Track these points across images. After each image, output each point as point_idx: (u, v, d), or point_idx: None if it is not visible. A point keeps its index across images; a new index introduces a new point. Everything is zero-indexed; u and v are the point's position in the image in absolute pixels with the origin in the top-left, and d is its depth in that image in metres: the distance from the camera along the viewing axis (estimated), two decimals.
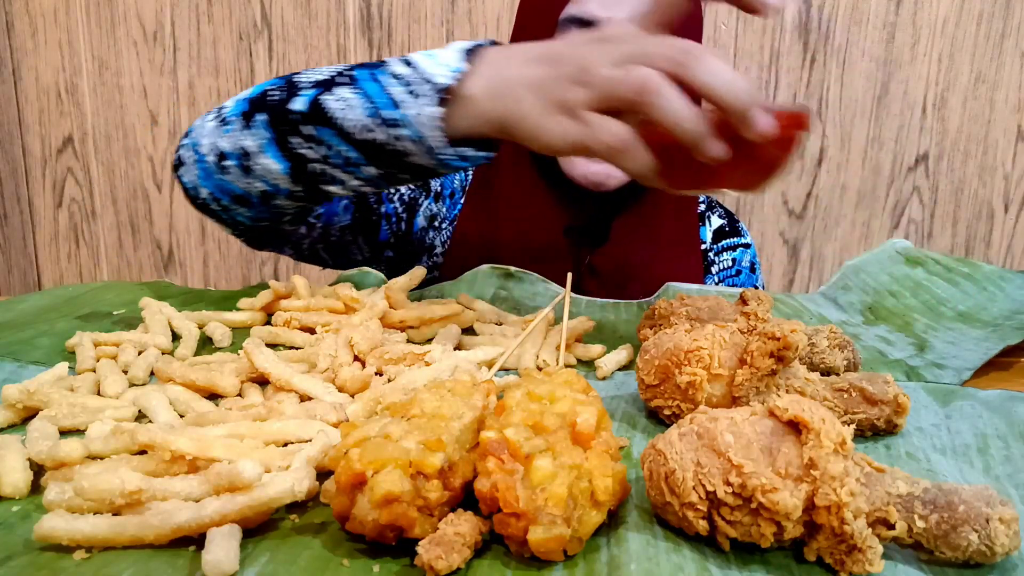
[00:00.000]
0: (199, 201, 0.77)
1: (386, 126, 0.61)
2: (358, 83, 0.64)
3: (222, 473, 0.36)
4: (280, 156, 0.66)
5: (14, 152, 1.87)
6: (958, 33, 1.56)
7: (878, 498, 0.35)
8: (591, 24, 0.86)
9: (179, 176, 0.77)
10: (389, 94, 0.61)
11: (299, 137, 0.65)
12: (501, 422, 0.37)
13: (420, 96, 0.60)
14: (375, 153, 0.63)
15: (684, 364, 0.48)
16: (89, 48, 1.79)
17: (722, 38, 1.61)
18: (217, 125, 0.71)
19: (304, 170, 0.66)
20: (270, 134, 0.66)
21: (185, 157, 0.75)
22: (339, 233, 0.92)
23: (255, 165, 0.68)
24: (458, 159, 0.62)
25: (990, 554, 0.33)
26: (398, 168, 0.64)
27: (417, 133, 0.60)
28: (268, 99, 0.67)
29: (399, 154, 0.62)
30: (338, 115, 0.63)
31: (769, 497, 0.33)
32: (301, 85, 0.67)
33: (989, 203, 1.64)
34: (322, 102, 0.64)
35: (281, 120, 0.66)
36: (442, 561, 0.33)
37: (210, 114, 0.75)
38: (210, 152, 0.71)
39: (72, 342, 0.61)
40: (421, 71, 0.61)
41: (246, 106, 0.69)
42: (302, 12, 1.70)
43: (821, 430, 0.34)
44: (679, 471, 0.36)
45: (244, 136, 0.68)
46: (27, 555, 0.35)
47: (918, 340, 0.71)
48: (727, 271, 1.06)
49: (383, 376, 0.56)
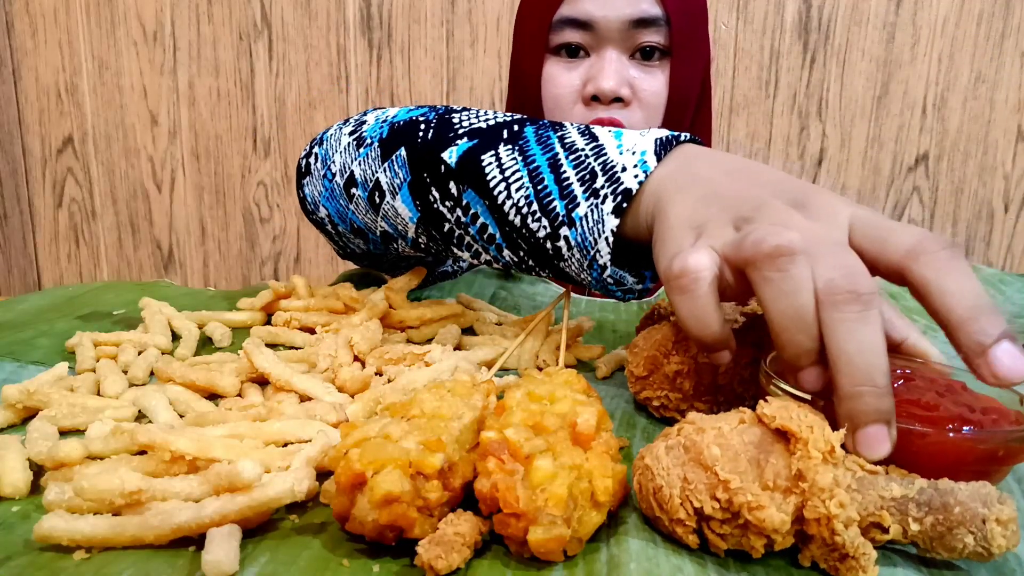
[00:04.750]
0: (316, 218, 0.68)
1: (546, 218, 0.49)
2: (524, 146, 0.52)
3: (222, 473, 0.36)
4: (413, 205, 0.56)
5: (14, 152, 1.87)
6: (958, 33, 1.56)
7: (871, 502, 0.34)
8: (586, 25, 0.86)
9: (302, 186, 0.67)
10: (561, 178, 0.49)
11: (440, 192, 0.54)
12: (501, 422, 0.37)
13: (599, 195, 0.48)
14: (522, 240, 0.52)
15: (672, 353, 0.49)
16: (89, 48, 1.79)
17: (722, 38, 1.61)
18: (353, 144, 0.61)
19: (439, 227, 0.56)
20: (408, 176, 0.56)
21: (314, 169, 0.65)
22: None
23: (385, 204, 0.58)
24: (613, 285, 0.51)
25: (987, 555, 0.33)
26: (542, 264, 0.53)
27: (584, 239, 0.49)
28: (416, 136, 0.56)
29: (551, 255, 0.51)
30: (493, 184, 0.51)
31: (755, 514, 0.33)
32: (457, 129, 0.55)
33: (989, 203, 1.64)
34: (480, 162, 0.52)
35: (424, 166, 0.55)
36: (442, 561, 0.33)
37: (348, 124, 0.64)
38: (339, 172, 0.62)
39: (72, 342, 0.61)
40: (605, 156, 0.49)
41: (387, 132, 0.59)
42: (302, 12, 1.70)
43: (809, 439, 0.34)
44: (666, 488, 0.36)
45: (379, 169, 0.58)
46: (27, 555, 0.35)
47: None
48: None
49: (383, 376, 0.56)
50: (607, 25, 0.85)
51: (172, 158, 1.83)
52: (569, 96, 0.88)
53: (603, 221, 0.47)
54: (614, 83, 0.84)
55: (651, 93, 0.88)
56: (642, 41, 0.86)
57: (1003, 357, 0.35)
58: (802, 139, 1.64)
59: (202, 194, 1.85)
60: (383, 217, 0.60)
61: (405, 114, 0.60)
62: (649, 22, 0.85)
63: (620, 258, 0.51)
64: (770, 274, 0.37)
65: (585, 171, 0.49)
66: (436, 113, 0.58)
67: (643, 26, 0.85)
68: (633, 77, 0.87)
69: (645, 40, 0.86)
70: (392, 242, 0.63)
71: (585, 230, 0.48)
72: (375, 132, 0.60)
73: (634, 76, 0.87)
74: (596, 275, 0.50)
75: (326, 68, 1.72)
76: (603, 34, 0.85)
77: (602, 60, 0.86)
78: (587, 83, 0.87)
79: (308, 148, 0.68)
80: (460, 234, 0.56)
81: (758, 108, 1.63)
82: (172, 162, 1.84)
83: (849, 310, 0.36)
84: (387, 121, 0.60)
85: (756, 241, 0.38)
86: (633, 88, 0.87)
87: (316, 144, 0.67)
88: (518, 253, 0.53)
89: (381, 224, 0.61)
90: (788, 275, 0.37)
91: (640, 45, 0.86)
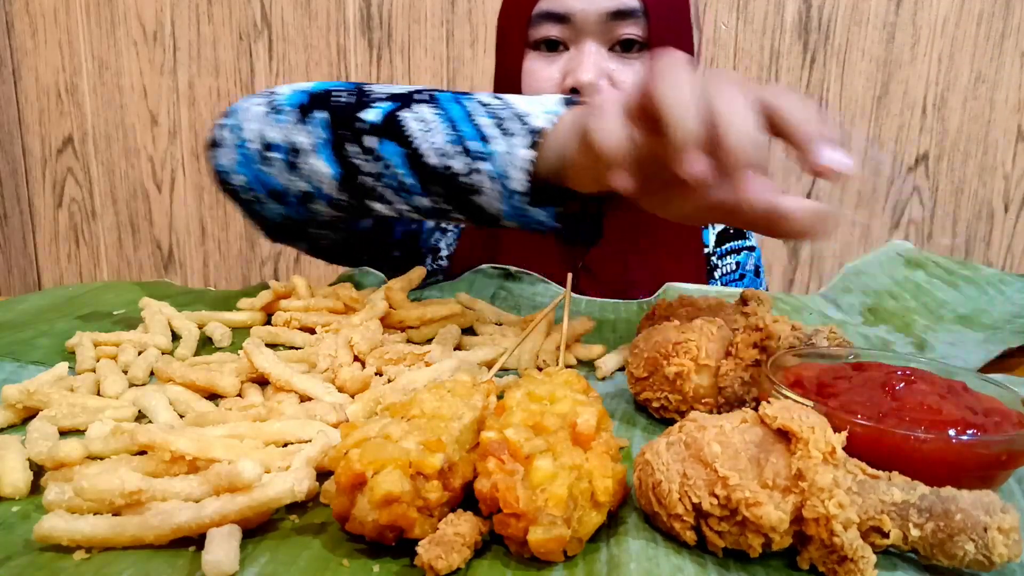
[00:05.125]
0: (230, 187, 0.72)
1: (467, 156, 0.57)
2: (440, 104, 0.60)
3: (222, 473, 0.36)
4: (333, 160, 0.62)
5: (14, 152, 1.87)
6: (958, 33, 1.56)
7: (871, 506, 0.34)
8: (564, 18, 0.85)
9: (213, 156, 0.72)
10: (476, 124, 0.58)
11: (358, 147, 0.61)
12: (501, 422, 0.37)
13: (512, 134, 0.56)
14: (440, 183, 0.59)
15: (672, 356, 0.49)
16: (89, 48, 1.79)
17: (722, 38, 1.61)
18: (267, 111, 0.67)
19: (354, 181, 0.63)
20: (328, 135, 0.62)
21: (224, 139, 0.70)
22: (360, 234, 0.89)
23: (303, 164, 0.64)
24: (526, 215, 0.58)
25: (988, 564, 0.33)
26: (456, 204, 0.60)
27: (500, 171, 0.57)
28: (333, 99, 0.63)
29: (468, 190, 0.58)
30: (414, 135, 0.59)
31: (753, 511, 0.33)
32: (375, 96, 0.63)
33: (989, 203, 1.64)
34: (399, 117, 0.60)
35: (345, 124, 0.62)
36: (442, 561, 0.33)
37: (257, 97, 0.70)
38: (255, 139, 0.67)
39: (72, 342, 0.61)
40: (513, 107, 0.57)
41: (305, 99, 0.65)
42: (302, 12, 1.70)
43: (810, 439, 0.34)
44: (665, 482, 0.36)
45: (297, 131, 0.64)
46: (27, 555, 0.35)
47: (918, 340, 0.71)
48: (730, 275, 1.04)
49: (383, 376, 0.56)
50: (585, 18, 0.85)
51: (172, 158, 1.83)
52: (549, 90, 0.88)
53: (516, 153, 0.55)
54: (593, 75, 0.84)
55: (631, 85, 0.88)
56: (621, 33, 0.86)
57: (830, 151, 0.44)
58: None
59: (202, 194, 1.85)
60: (301, 177, 0.65)
61: (321, 85, 0.67)
62: (627, 14, 0.85)
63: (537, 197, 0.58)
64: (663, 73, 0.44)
65: (498, 118, 0.57)
66: (352, 84, 0.66)
67: (621, 18, 0.85)
68: (612, 69, 0.87)
69: (624, 32, 0.86)
70: (311, 202, 0.68)
71: (502, 162, 0.56)
72: (292, 100, 0.66)
73: (613, 68, 0.87)
74: (512, 204, 0.57)
75: (326, 68, 1.72)
76: (581, 27, 0.85)
77: (581, 53, 0.86)
78: (566, 76, 0.87)
79: (215, 124, 0.72)
80: (376, 187, 0.62)
81: None
82: (172, 162, 1.84)
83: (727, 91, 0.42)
84: (303, 91, 0.66)
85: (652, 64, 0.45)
86: (613, 80, 0.87)
87: (224, 117, 0.71)
88: (432, 197, 0.60)
89: (300, 184, 0.66)
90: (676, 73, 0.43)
91: (619, 38, 0.86)
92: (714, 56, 1.62)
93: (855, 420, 0.39)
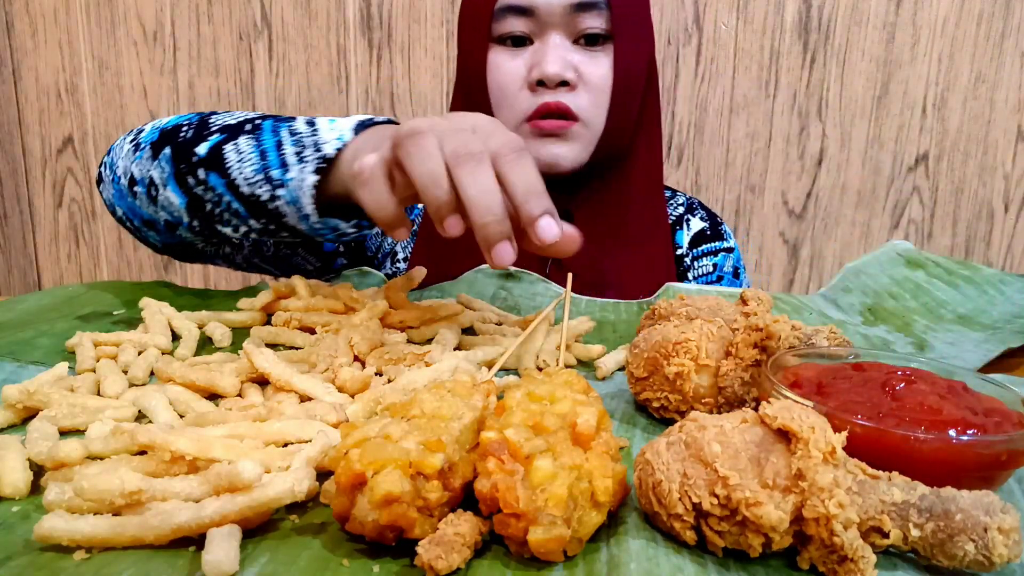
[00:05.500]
0: (116, 216, 0.78)
1: (269, 184, 0.62)
2: (260, 135, 0.64)
3: (222, 473, 0.36)
4: (179, 192, 0.67)
5: (14, 152, 1.87)
6: (958, 33, 1.56)
7: (871, 506, 0.34)
8: (528, 11, 0.85)
9: (101, 191, 0.79)
10: (281, 153, 0.62)
11: (194, 179, 0.66)
12: (501, 422, 0.37)
13: (305, 161, 0.61)
14: (256, 209, 0.64)
15: (672, 356, 0.50)
16: (89, 48, 1.79)
17: (722, 38, 1.61)
18: (131, 150, 0.72)
19: (200, 209, 0.67)
20: (171, 169, 0.67)
21: (103, 175, 0.77)
22: (274, 247, 0.89)
23: (160, 196, 0.69)
24: (329, 230, 0.64)
25: (988, 564, 0.33)
26: (277, 227, 0.66)
27: (293, 197, 0.61)
28: (178, 135, 0.68)
29: (276, 214, 0.64)
30: (232, 165, 0.64)
31: (753, 511, 0.33)
32: (211, 127, 0.68)
33: (989, 203, 1.64)
34: (222, 149, 0.65)
35: (182, 159, 0.67)
36: (442, 561, 0.33)
37: (130, 135, 0.75)
38: (123, 175, 0.73)
39: (72, 342, 0.61)
40: (316, 136, 0.62)
41: (156, 136, 0.70)
42: (302, 12, 1.70)
43: (810, 439, 0.34)
44: (665, 482, 0.36)
45: (151, 166, 0.69)
46: (27, 555, 0.35)
47: (917, 340, 0.71)
48: (707, 276, 1.03)
49: (383, 376, 0.56)
50: (549, 10, 0.85)
51: None
52: (514, 83, 0.88)
53: (305, 179, 0.61)
54: (558, 67, 0.84)
55: (597, 76, 0.88)
56: (584, 27, 0.86)
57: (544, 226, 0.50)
58: (802, 139, 1.64)
59: None
60: (161, 207, 0.70)
61: (175, 120, 0.72)
62: (590, 6, 0.85)
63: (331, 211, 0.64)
64: (409, 149, 0.50)
65: (299, 147, 0.62)
66: (200, 116, 0.70)
67: (584, 10, 0.85)
68: (577, 61, 0.87)
69: (587, 25, 0.86)
70: (175, 228, 0.73)
71: (294, 189, 0.61)
72: (149, 137, 0.71)
73: (578, 60, 0.87)
74: (307, 224, 0.63)
75: (326, 68, 1.72)
76: (545, 19, 0.85)
77: (545, 45, 0.86)
78: (532, 69, 0.86)
79: (100, 161, 0.79)
80: (218, 212, 0.67)
81: (758, 108, 1.63)
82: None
83: (467, 165, 0.49)
84: (159, 127, 0.72)
85: (398, 132, 0.52)
86: (578, 72, 0.87)
87: (106, 155, 0.78)
88: (260, 220, 0.65)
89: (161, 214, 0.71)
90: (420, 147, 0.50)
91: (583, 32, 0.86)
92: (714, 56, 1.62)
93: (855, 420, 0.39)
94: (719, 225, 1.07)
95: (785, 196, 1.67)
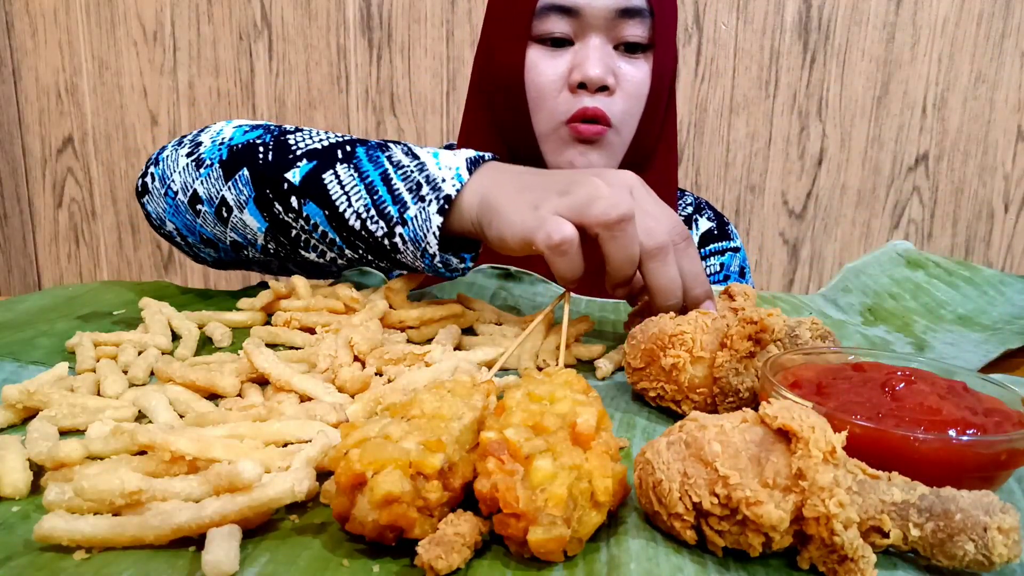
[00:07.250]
0: (163, 232, 0.75)
1: (383, 220, 0.62)
2: (358, 164, 0.63)
3: (222, 473, 0.36)
4: (260, 216, 0.66)
5: (14, 152, 1.87)
6: (958, 33, 1.56)
7: (871, 506, 0.34)
8: (572, 11, 0.85)
9: (144, 204, 0.76)
10: (393, 189, 0.62)
11: (282, 206, 0.65)
12: (501, 422, 0.37)
13: (426, 200, 0.61)
14: (362, 241, 0.64)
15: (668, 347, 0.51)
16: (89, 48, 1.79)
17: (722, 38, 1.61)
18: (192, 165, 0.69)
19: (284, 234, 0.66)
20: (252, 193, 0.66)
21: (152, 188, 0.73)
22: None
23: (233, 218, 0.67)
24: (443, 267, 0.64)
25: (987, 564, 0.33)
26: (379, 258, 0.66)
27: (415, 235, 0.62)
28: (256, 157, 0.66)
29: (388, 249, 0.63)
30: (337, 198, 0.63)
31: (753, 510, 0.33)
32: (294, 150, 0.66)
33: (989, 203, 1.64)
34: (321, 179, 0.64)
35: (267, 184, 0.65)
36: (442, 561, 0.33)
37: (182, 146, 0.71)
38: (182, 191, 0.70)
39: (72, 342, 0.61)
40: (427, 172, 0.62)
41: (225, 154, 0.68)
42: (302, 12, 1.70)
43: (810, 439, 0.34)
44: (666, 481, 0.36)
45: (223, 187, 0.67)
46: (27, 555, 0.35)
47: (917, 340, 0.71)
48: (714, 276, 1.04)
49: (383, 376, 0.56)
50: (593, 12, 0.84)
51: None
52: (554, 84, 0.87)
53: (430, 219, 0.61)
54: (600, 71, 0.84)
55: (635, 84, 0.88)
56: (626, 34, 0.86)
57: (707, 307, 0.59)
58: (802, 139, 1.64)
59: None
60: (232, 229, 0.69)
61: (241, 136, 0.69)
62: (634, 12, 0.85)
63: (445, 246, 0.65)
64: (616, 234, 0.54)
65: (412, 182, 0.62)
66: (272, 135, 0.68)
67: (628, 16, 0.85)
68: (618, 66, 0.86)
69: (628, 32, 0.86)
70: (242, 250, 0.72)
71: (416, 227, 0.62)
72: (214, 154, 0.68)
73: (619, 65, 0.87)
74: (428, 261, 0.64)
75: (326, 68, 1.72)
76: (588, 21, 0.85)
77: (587, 48, 0.85)
78: (572, 70, 0.86)
79: (144, 169, 0.75)
80: (305, 239, 0.67)
81: (758, 108, 1.63)
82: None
83: (658, 259, 0.56)
84: (224, 143, 0.69)
85: (604, 211, 0.54)
86: (617, 77, 0.86)
87: (152, 164, 0.74)
88: (357, 251, 0.66)
89: (231, 235, 0.70)
90: (627, 234, 0.54)
91: (624, 38, 0.86)
92: (714, 56, 1.62)
93: (855, 420, 0.39)
94: (726, 225, 1.08)
95: (785, 196, 1.67)
